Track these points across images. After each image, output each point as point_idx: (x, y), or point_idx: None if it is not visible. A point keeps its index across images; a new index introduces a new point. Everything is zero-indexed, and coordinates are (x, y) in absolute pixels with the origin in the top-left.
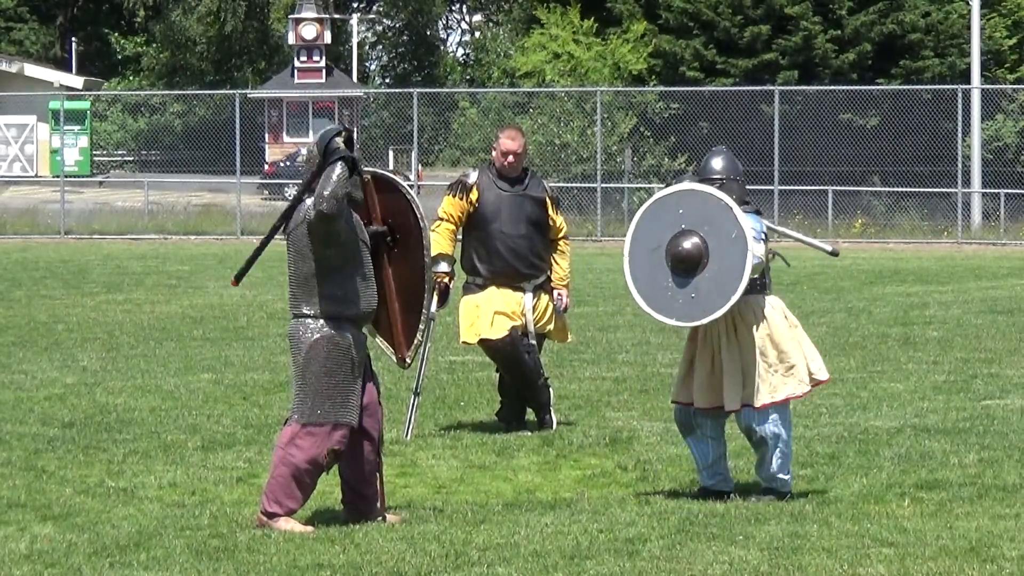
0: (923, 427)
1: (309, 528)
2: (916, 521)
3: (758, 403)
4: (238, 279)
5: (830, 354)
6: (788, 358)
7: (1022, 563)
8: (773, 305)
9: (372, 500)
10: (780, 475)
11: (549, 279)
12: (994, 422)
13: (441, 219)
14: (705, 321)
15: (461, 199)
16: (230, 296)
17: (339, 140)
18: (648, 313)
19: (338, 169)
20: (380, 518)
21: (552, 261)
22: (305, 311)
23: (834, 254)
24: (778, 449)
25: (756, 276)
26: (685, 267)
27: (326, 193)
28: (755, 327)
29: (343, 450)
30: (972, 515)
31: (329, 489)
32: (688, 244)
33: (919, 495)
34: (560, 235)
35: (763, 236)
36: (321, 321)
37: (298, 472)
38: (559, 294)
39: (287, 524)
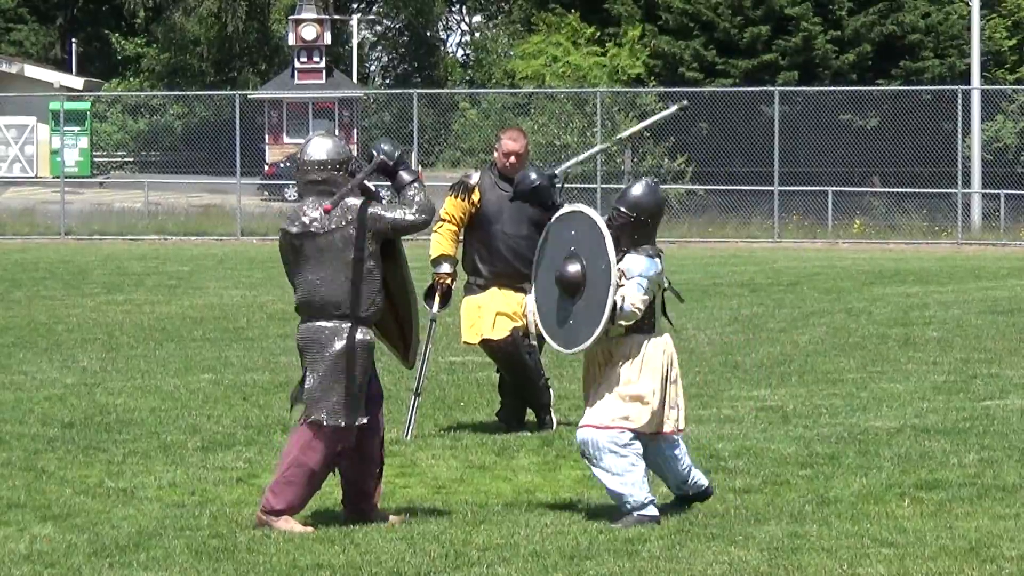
0: (923, 427)
1: (309, 528)
2: (916, 521)
3: (583, 422)
4: (333, 204)
5: (830, 355)
6: (642, 393)
7: (1022, 563)
8: (656, 345)
9: (374, 498)
10: (618, 495)
11: None
12: (994, 422)
13: (443, 220)
14: (576, 351)
15: (463, 200)
16: (230, 297)
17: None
18: (541, 332)
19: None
20: (381, 518)
21: None
22: (335, 313)
23: (683, 109)
24: (599, 470)
25: (631, 322)
26: (566, 291)
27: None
28: (627, 361)
29: (347, 450)
30: (972, 515)
31: (329, 489)
32: (571, 268)
33: (919, 495)
34: None
35: (643, 286)
36: (348, 324)
37: (312, 473)
38: None
39: (287, 524)
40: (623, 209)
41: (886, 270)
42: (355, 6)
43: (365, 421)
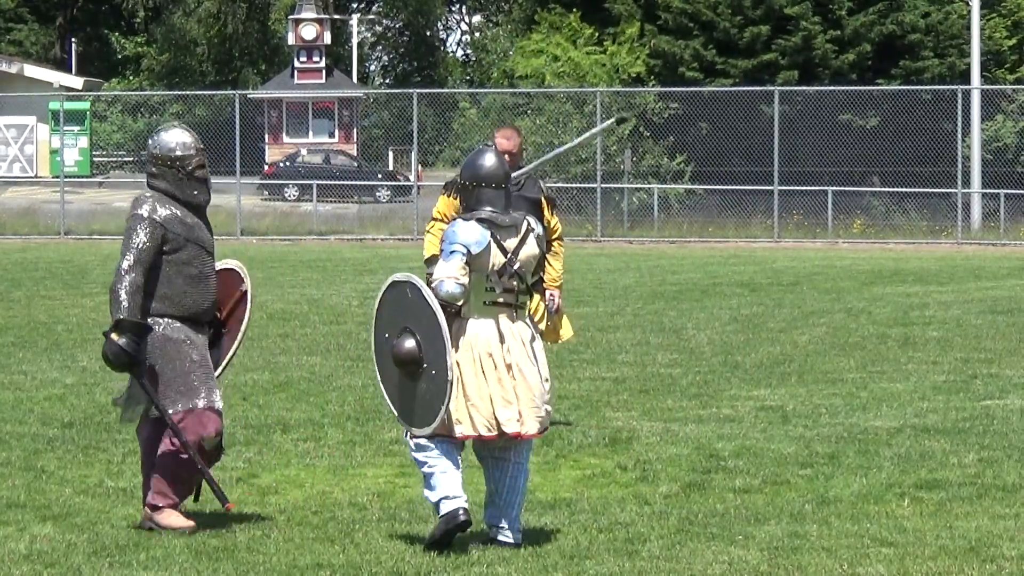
0: (923, 427)
1: (191, 523)
2: (916, 521)
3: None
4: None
5: (829, 354)
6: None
7: (1022, 563)
8: (468, 334)
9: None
10: (425, 492)
11: (541, 280)
12: (994, 422)
13: (435, 219)
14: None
15: (455, 199)
16: None
17: None
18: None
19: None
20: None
21: (545, 262)
22: (150, 310)
23: (621, 121)
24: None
25: (458, 301)
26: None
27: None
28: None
29: (221, 433)
30: (972, 515)
31: (328, 489)
32: (406, 344)
33: (919, 495)
34: (554, 236)
35: (448, 253)
36: (155, 319)
37: (176, 464)
38: (551, 295)
39: (170, 518)
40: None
41: (886, 270)
42: (355, 6)
43: (205, 405)
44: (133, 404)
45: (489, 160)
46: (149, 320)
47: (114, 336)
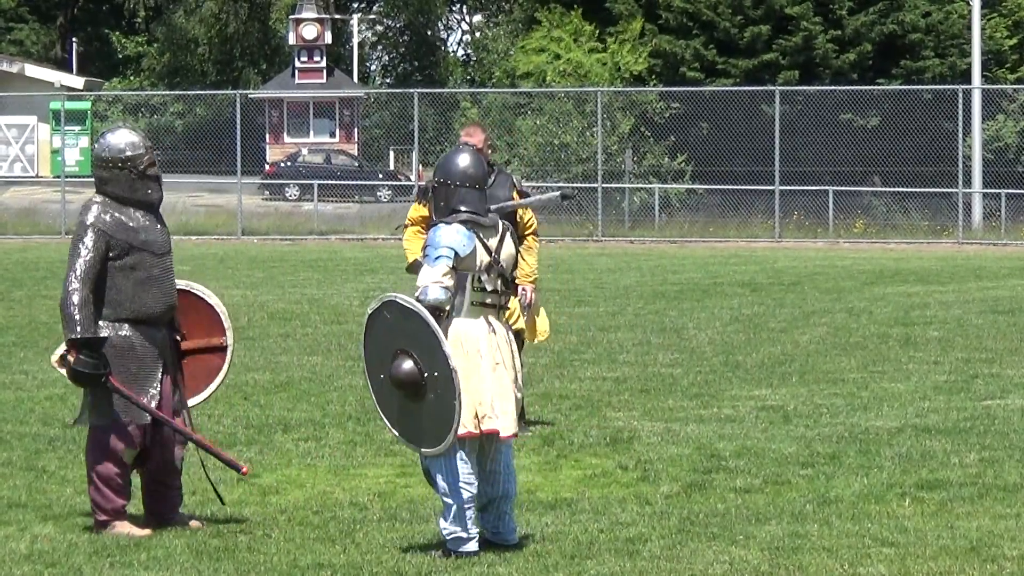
0: (924, 427)
1: (147, 531)
2: (917, 521)
3: None
4: None
5: (831, 354)
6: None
7: (1023, 563)
8: (457, 333)
9: (177, 491)
10: (440, 520)
11: (514, 277)
12: (995, 422)
13: (406, 225)
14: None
15: (423, 204)
16: (231, 296)
17: None
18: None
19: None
20: (182, 522)
21: (519, 257)
22: (101, 315)
23: (565, 197)
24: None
25: (444, 306)
26: (403, 390)
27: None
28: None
29: (142, 447)
30: (973, 515)
31: (329, 489)
32: (405, 366)
33: (920, 495)
34: (528, 231)
35: (431, 257)
36: (102, 323)
37: (104, 476)
38: (523, 289)
39: (124, 528)
40: (433, 177)
41: (887, 270)
42: (356, 6)
43: (134, 419)
44: (86, 409)
45: (468, 160)
46: (100, 323)
47: (70, 358)
